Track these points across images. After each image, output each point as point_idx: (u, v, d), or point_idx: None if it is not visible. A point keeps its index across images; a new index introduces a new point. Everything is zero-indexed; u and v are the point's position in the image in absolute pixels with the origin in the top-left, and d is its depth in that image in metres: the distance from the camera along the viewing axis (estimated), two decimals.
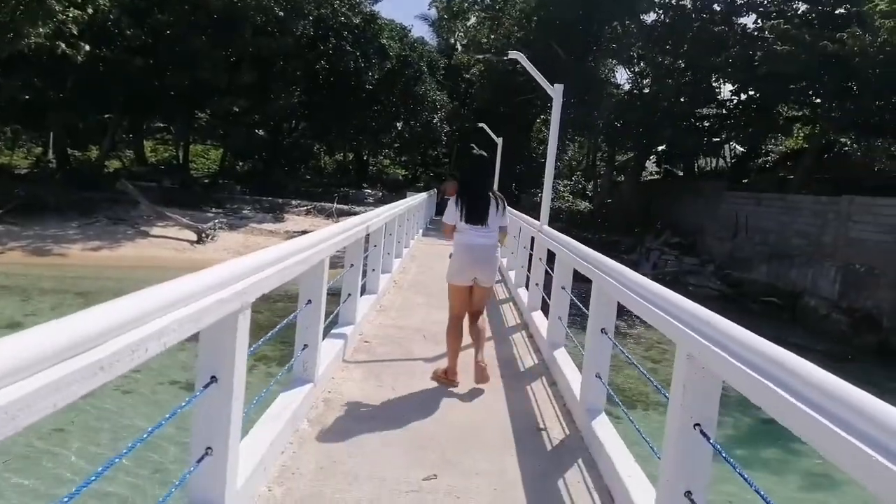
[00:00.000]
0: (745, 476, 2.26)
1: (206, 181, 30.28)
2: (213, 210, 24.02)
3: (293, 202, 27.03)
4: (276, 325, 3.21)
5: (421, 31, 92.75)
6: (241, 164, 35.13)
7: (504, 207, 4.83)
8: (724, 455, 2.33)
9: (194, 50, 22.91)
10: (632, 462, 3.15)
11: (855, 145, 29.88)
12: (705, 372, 2.33)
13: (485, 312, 5.09)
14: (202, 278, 1.95)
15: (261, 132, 32.21)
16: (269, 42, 24.53)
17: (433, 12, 43.10)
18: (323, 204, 27.20)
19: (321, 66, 28.95)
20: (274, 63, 26.63)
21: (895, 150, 30.19)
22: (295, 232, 21.54)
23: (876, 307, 16.26)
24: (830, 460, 1.48)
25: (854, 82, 21.93)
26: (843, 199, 18.90)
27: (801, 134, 31.51)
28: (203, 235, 20.17)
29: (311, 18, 26.60)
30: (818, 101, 24.76)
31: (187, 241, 19.88)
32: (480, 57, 33.31)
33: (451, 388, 4.56)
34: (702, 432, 2.34)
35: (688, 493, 2.32)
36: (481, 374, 4.56)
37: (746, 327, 2.09)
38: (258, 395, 2.95)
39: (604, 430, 3.54)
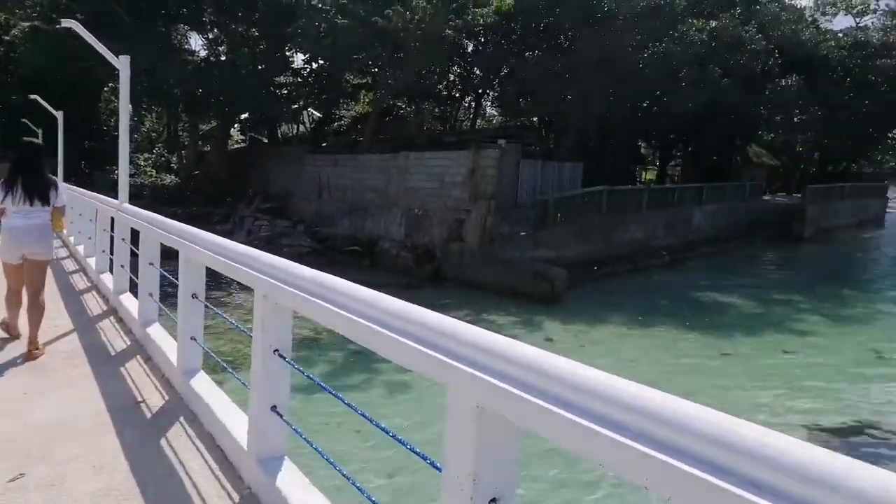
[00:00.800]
0: (321, 384, 2.81)
1: None
2: None
3: None
4: None
5: None
6: None
7: (56, 189, 5.31)
8: (299, 369, 2.84)
9: None
10: (229, 404, 3.49)
11: (408, 108, 35.19)
12: (278, 306, 2.78)
13: (42, 294, 5.23)
14: None
15: None
16: None
17: None
18: None
19: None
20: None
21: (438, 112, 36.64)
22: None
23: (431, 242, 20.01)
24: (376, 350, 2.01)
25: (402, 54, 25.46)
26: (401, 156, 22.28)
27: (367, 99, 35.48)
28: None
29: None
30: (376, 70, 28.06)
31: None
32: (27, 24, 27.85)
33: (35, 389, 4.17)
34: (280, 355, 2.79)
35: (273, 408, 2.76)
36: (32, 353, 4.84)
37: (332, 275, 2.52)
38: None
39: (202, 385, 3.79)
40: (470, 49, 31.54)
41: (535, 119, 34.31)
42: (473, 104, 36.25)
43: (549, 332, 13.92)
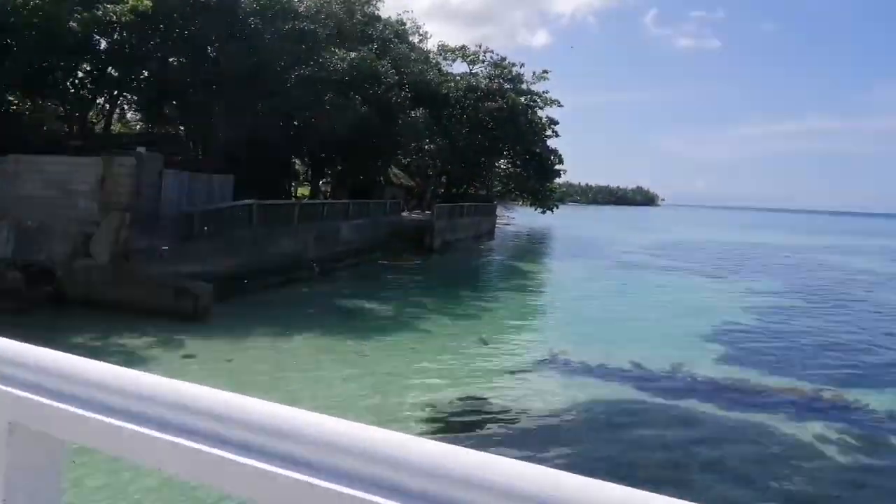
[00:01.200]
0: None
1: None
2: None
3: None
4: None
5: None
6: None
7: None
8: None
9: None
10: None
11: (22, 105, 29.93)
12: None
13: None
14: None
15: None
16: None
17: None
18: None
19: None
20: None
21: (63, 112, 31.95)
22: None
23: (49, 259, 17.46)
24: None
25: (15, 41, 21.69)
26: (9, 159, 19.01)
27: None
28: None
29: None
30: None
31: None
32: None
33: None
34: None
35: None
36: None
37: None
38: None
39: None
40: (103, 46, 28.44)
41: (182, 128, 32.53)
42: (108, 106, 32.69)
43: (192, 350, 13.42)
